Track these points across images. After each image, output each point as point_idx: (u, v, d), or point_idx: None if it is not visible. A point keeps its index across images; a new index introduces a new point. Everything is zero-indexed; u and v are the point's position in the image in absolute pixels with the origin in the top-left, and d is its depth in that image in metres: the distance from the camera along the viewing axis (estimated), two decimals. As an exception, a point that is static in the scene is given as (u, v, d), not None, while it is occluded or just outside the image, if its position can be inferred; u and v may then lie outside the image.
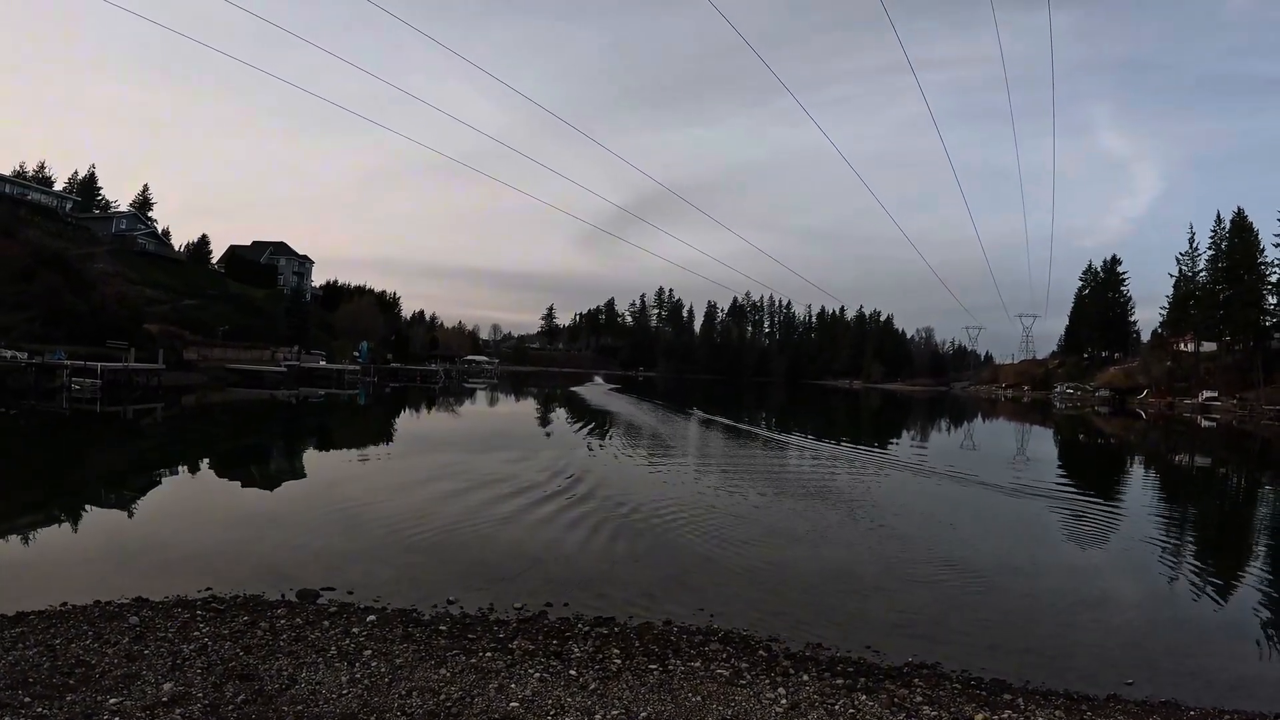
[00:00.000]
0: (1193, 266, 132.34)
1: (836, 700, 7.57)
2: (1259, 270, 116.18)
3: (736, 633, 9.87)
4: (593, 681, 7.58)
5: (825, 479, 26.80)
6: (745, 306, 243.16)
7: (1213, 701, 8.73)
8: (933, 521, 19.50)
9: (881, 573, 13.85)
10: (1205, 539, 20.57)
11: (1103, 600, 13.20)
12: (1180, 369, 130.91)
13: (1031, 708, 7.92)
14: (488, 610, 10.24)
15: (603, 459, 28.25)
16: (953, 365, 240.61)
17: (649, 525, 16.68)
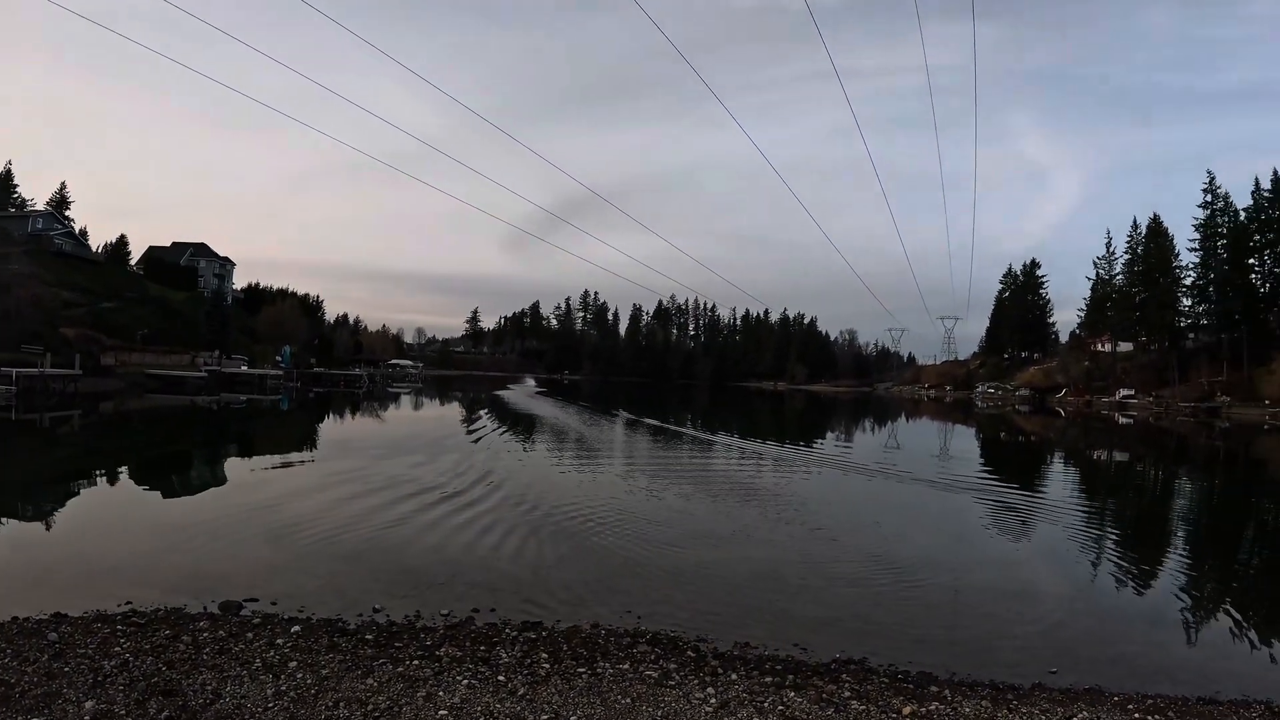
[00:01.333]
0: (1110, 270, 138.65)
1: (765, 697, 7.66)
2: (1174, 274, 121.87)
3: (664, 634, 9.88)
4: (521, 687, 7.55)
5: (751, 479, 27.02)
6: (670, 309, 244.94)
7: (1135, 687, 9.01)
8: (858, 519, 19.76)
9: (807, 571, 13.95)
10: (1125, 530, 21.22)
11: (1026, 592, 13.50)
12: (1098, 368, 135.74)
13: (958, 699, 8.10)
14: (414, 618, 10.11)
15: (529, 463, 28.05)
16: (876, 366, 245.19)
17: (575, 529, 16.60)
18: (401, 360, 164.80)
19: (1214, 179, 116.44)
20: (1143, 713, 8.03)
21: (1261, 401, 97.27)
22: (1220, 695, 8.87)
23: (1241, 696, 8.86)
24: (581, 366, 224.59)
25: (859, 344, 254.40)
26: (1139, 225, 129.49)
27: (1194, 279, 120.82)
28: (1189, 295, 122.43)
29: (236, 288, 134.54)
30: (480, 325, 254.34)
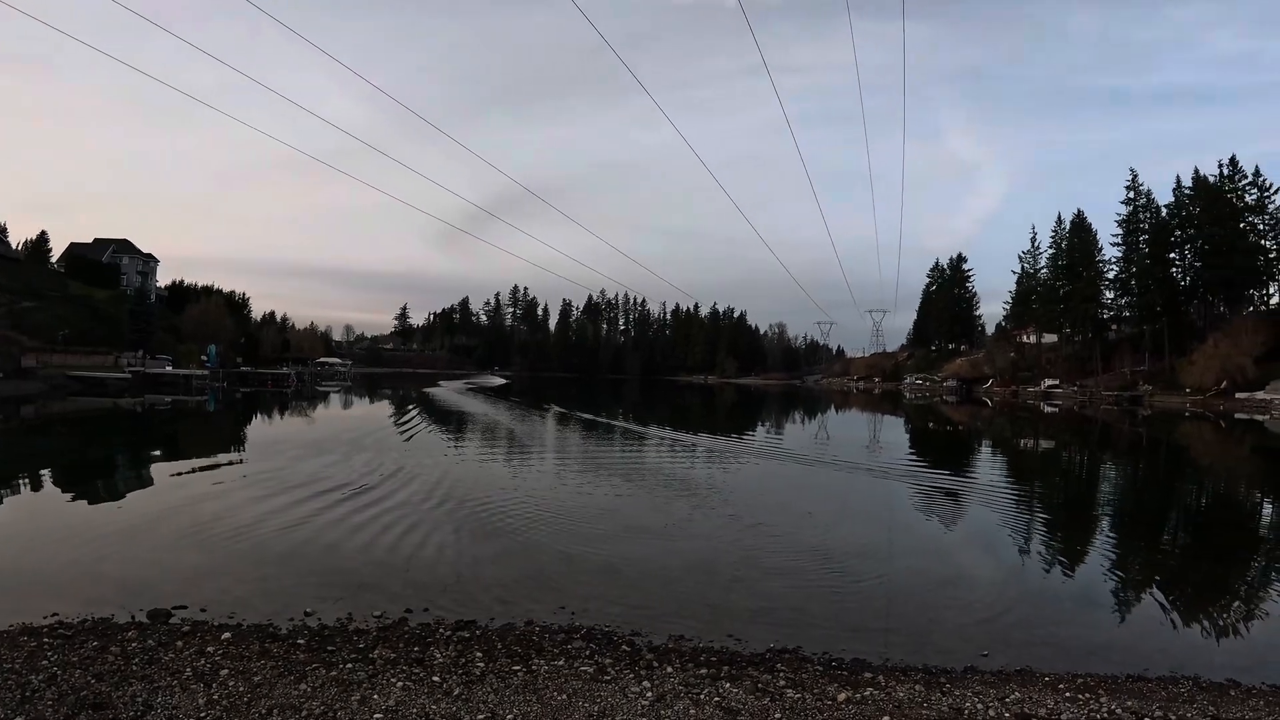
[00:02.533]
0: (1034, 264, 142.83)
1: (701, 689, 7.69)
2: (1097, 267, 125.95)
3: (599, 629, 9.89)
4: (457, 687, 7.48)
5: (683, 471, 27.24)
6: (600, 304, 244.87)
7: (1066, 667, 9.25)
8: (790, 509, 19.92)
9: (741, 562, 14.06)
10: (1053, 515, 21.72)
11: (957, 578, 13.78)
12: (1024, 359, 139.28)
13: (892, 684, 8.22)
14: (346, 620, 9.94)
15: (461, 461, 27.75)
16: (805, 359, 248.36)
17: (508, 526, 16.48)
18: (330, 358, 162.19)
19: (1136, 176, 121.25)
20: (1073, 691, 8.21)
21: (1182, 390, 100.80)
22: (1149, 673, 9.15)
23: (1170, 673, 9.16)
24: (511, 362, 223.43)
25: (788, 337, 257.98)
26: (1063, 221, 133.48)
27: (1116, 273, 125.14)
28: (1112, 288, 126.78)
29: (161, 285, 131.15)
30: (409, 322, 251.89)
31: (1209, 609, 12.71)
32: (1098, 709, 7.65)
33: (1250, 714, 7.75)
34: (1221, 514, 24.10)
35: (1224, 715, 7.65)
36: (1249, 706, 7.98)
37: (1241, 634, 11.41)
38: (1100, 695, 8.10)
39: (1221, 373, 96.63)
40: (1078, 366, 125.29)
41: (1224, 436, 56.48)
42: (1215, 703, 8.09)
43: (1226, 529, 20.97)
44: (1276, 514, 24.06)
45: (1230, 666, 9.53)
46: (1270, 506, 25.79)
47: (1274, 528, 21.39)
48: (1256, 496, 28.37)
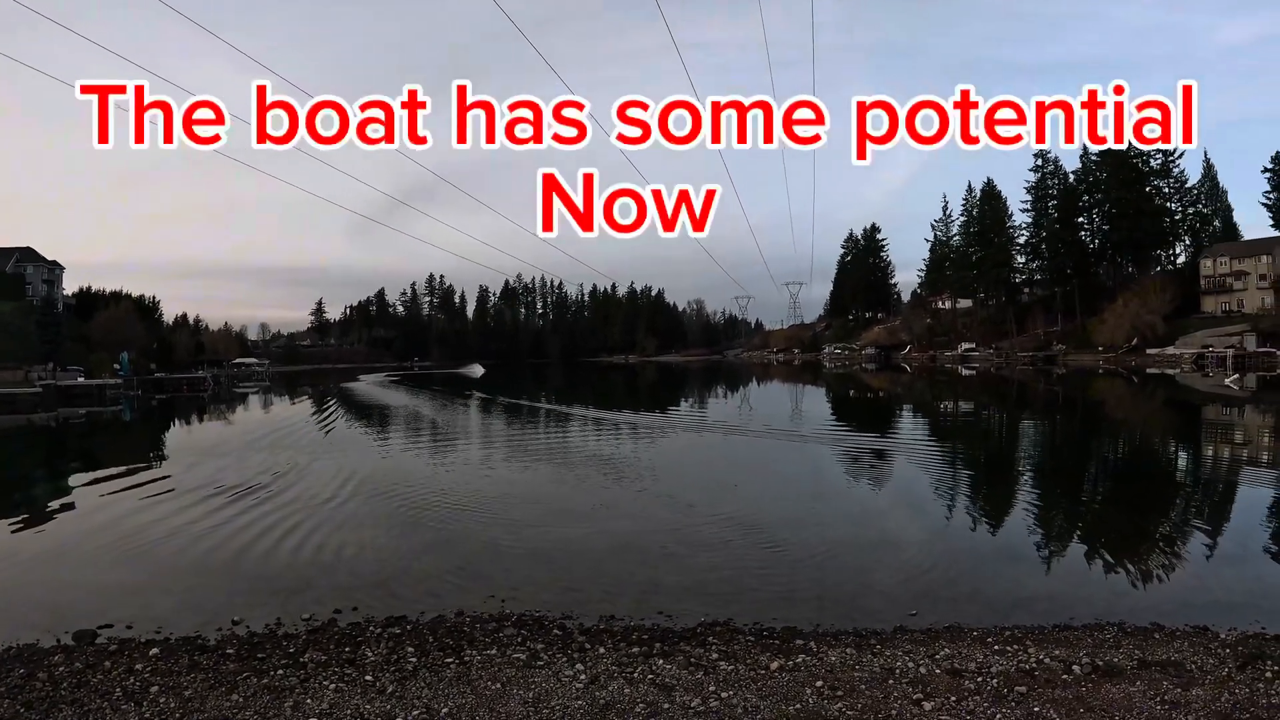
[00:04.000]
0: (947, 232, 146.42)
1: (635, 668, 7.70)
2: (1008, 233, 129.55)
3: (530, 615, 9.86)
4: (390, 684, 7.40)
5: (609, 451, 27.26)
6: (517, 289, 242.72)
7: (994, 620, 9.47)
8: (717, 483, 20.08)
9: (669, 539, 14.11)
10: (976, 473, 22.32)
11: (885, 541, 14.01)
12: (940, 324, 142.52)
13: (824, 649, 8.30)
14: (275, 626, 9.72)
15: (385, 455, 27.38)
16: (725, 334, 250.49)
17: (435, 517, 16.31)
18: (246, 359, 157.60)
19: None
20: (1001, 644, 8.38)
21: (1095, 348, 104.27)
22: (1074, 621, 9.38)
23: (1095, 620, 9.39)
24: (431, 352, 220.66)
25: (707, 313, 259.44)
26: (973, 189, 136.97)
27: (1027, 238, 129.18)
28: (1023, 253, 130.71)
29: (68, 294, 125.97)
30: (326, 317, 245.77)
31: (1131, 556, 13.04)
32: (1026, 659, 7.80)
33: (1175, 655, 7.95)
34: (1139, 465, 25.02)
35: (1149, 657, 7.84)
36: (1173, 648, 8.21)
37: (1163, 579, 11.75)
38: (1028, 646, 8.27)
39: (1132, 330, 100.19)
40: (993, 329, 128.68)
41: (1137, 391, 58.58)
42: (1140, 646, 8.31)
43: (1144, 479, 21.74)
44: (1191, 462, 25.01)
45: (1154, 610, 9.83)
46: (1185, 455, 26.83)
47: (1190, 475, 22.24)
48: (1171, 447, 29.48)
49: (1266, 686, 6.95)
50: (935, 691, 6.94)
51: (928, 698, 6.79)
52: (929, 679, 7.30)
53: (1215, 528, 15.09)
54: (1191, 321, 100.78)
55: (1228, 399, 48.98)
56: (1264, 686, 6.96)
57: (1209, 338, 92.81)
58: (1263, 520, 15.57)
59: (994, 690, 6.95)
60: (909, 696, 6.83)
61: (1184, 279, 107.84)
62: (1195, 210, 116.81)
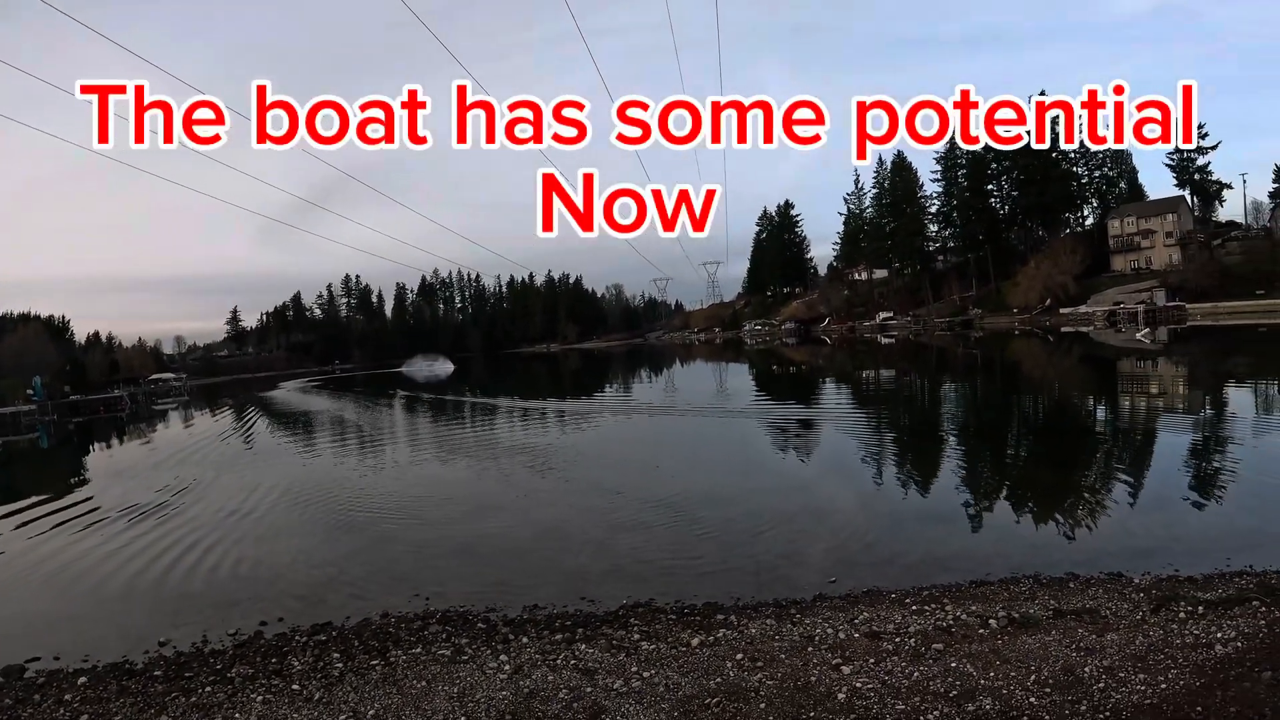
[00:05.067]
0: (860, 204, 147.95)
1: (558, 654, 7.77)
2: (919, 203, 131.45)
3: (454, 611, 9.87)
4: (317, 691, 7.38)
5: (533, 440, 27.20)
6: (435, 284, 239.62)
7: (912, 582, 9.61)
8: (639, 465, 20.23)
9: (591, 525, 14.18)
10: (896, 438, 22.69)
11: (807, 512, 14.12)
12: (857, 296, 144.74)
13: (744, 622, 8.40)
14: (201, 644, 9.51)
15: (308, 462, 26.77)
16: (645, 317, 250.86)
17: (359, 521, 16.08)
18: (163, 374, 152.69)
19: None
20: (919, 604, 8.53)
21: (1010, 311, 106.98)
22: (991, 577, 9.57)
23: (1011, 574, 9.60)
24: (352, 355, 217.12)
25: (626, 297, 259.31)
26: (884, 162, 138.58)
27: (939, 207, 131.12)
28: (935, 222, 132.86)
29: None
30: (242, 325, 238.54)
31: (1048, 510, 13.39)
32: (943, 618, 7.95)
33: (1090, 602, 8.18)
34: (1057, 421, 25.72)
35: (1065, 606, 8.04)
36: (1088, 595, 8.44)
37: (1079, 530, 12.07)
38: (945, 604, 8.43)
39: (1045, 291, 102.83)
40: (910, 298, 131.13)
41: (1053, 349, 60.11)
42: (1056, 596, 8.53)
43: (1062, 434, 22.37)
44: (1108, 415, 25.73)
45: (1069, 561, 10.07)
46: (1102, 409, 27.59)
47: (1107, 427, 22.90)
48: (1088, 401, 30.29)
49: (1180, 627, 7.14)
50: (854, 655, 7.03)
51: (846, 661, 6.87)
52: (848, 643, 7.40)
53: (1131, 477, 15.58)
54: (1102, 280, 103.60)
55: (1141, 352, 50.59)
56: (1177, 627, 7.15)
57: (1120, 295, 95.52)
58: (1177, 467, 16.11)
59: (911, 649, 7.05)
60: (828, 662, 6.90)
61: (1093, 240, 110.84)
62: (1101, 174, 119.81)
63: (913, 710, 5.85)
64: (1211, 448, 18.18)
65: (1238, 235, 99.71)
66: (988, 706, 5.80)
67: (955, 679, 6.32)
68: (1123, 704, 5.69)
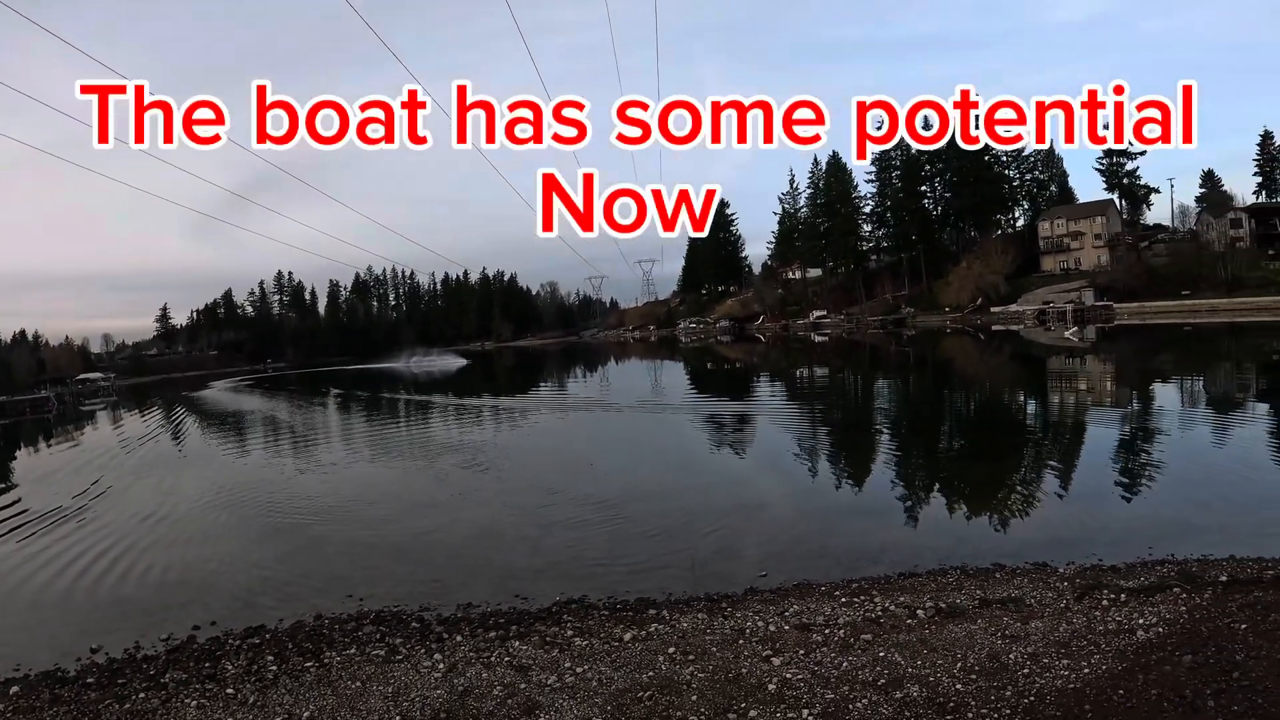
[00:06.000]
0: (794, 204, 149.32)
1: (492, 652, 7.79)
2: (854, 204, 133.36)
3: (388, 611, 9.83)
4: (252, 695, 7.32)
5: (468, 439, 27.12)
6: (369, 281, 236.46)
7: (842, 575, 9.77)
8: (573, 462, 20.28)
9: (524, 522, 14.18)
10: (830, 434, 23.04)
11: (738, 507, 14.28)
12: (791, 294, 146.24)
13: (676, 617, 8.46)
14: (134, 649, 9.29)
15: (239, 463, 26.20)
16: (580, 315, 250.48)
17: (292, 523, 15.86)
18: (91, 374, 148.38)
19: None
20: (849, 596, 8.67)
21: (942, 309, 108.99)
22: (919, 568, 9.77)
23: (939, 566, 9.83)
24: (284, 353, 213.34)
25: (561, 295, 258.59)
26: (819, 162, 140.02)
27: (873, 207, 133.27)
28: (869, 222, 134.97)
29: None
30: (172, 323, 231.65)
31: (975, 503, 13.75)
32: (872, 609, 8.09)
33: (1016, 591, 8.40)
34: (987, 416, 26.29)
35: (991, 596, 8.25)
36: (1014, 585, 8.65)
37: (1006, 521, 12.42)
38: (874, 596, 8.58)
39: (976, 291, 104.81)
40: (843, 296, 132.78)
41: (984, 347, 61.45)
42: (982, 586, 8.75)
43: (992, 429, 22.93)
44: (1037, 409, 26.38)
45: (995, 552, 10.33)
46: (1031, 404, 28.26)
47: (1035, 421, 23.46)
48: (1018, 396, 30.96)
49: (1103, 614, 7.37)
50: (784, 647, 7.13)
51: (777, 653, 6.96)
52: (778, 635, 7.50)
53: (1057, 470, 16.06)
54: (1032, 280, 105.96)
55: (1069, 350, 51.94)
56: (1100, 614, 7.37)
57: (1050, 294, 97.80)
58: (1102, 460, 16.63)
59: (841, 640, 7.17)
60: (759, 654, 6.99)
61: (1024, 241, 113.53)
62: (1033, 176, 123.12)
63: (842, 699, 5.95)
64: (1136, 442, 18.78)
65: (1165, 238, 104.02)
66: (915, 694, 5.93)
67: (883, 668, 6.45)
68: (1047, 688, 5.86)
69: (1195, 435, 18.74)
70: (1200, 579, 8.31)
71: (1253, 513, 11.91)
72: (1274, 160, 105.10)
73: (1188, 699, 5.51)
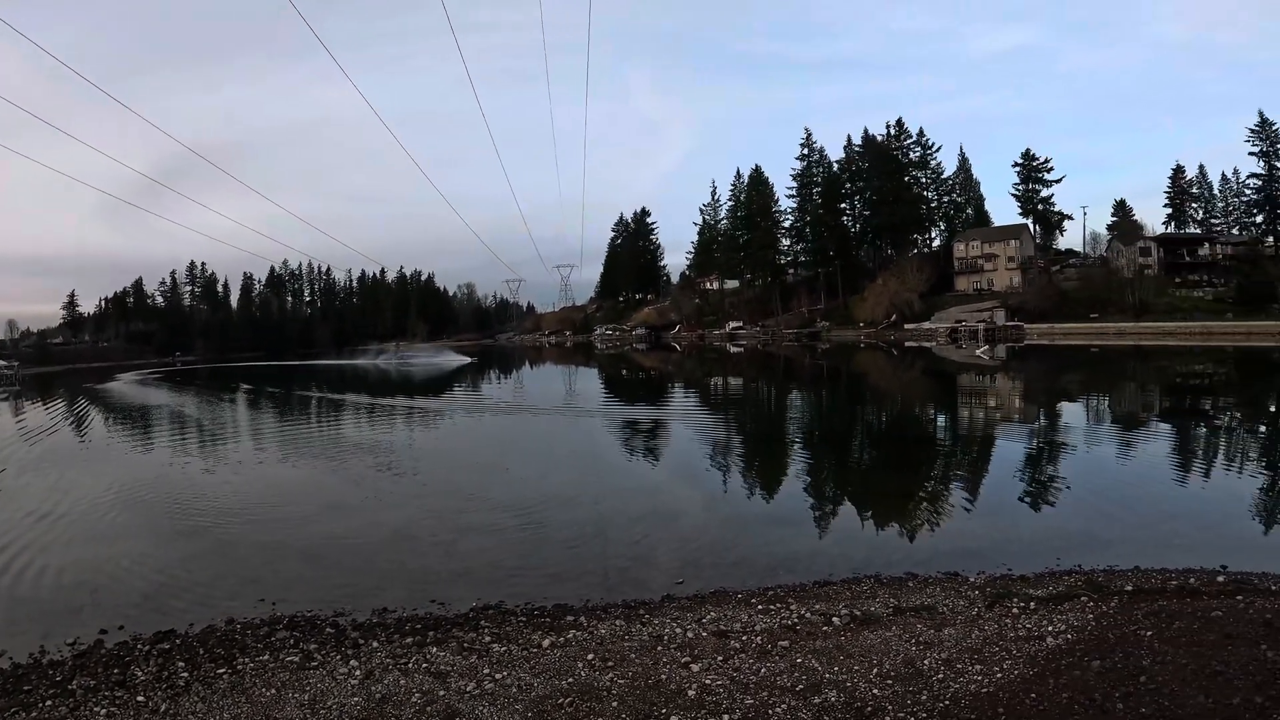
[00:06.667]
0: (715, 215, 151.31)
1: (409, 658, 7.74)
2: (774, 218, 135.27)
3: (301, 616, 9.64)
4: (163, 702, 7.09)
5: (381, 440, 26.80)
6: (284, 275, 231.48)
7: (757, 583, 9.94)
8: (488, 466, 20.18)
9: (439, 527, 14.09)
10: (744, 444, 23.33)
11: (653, 514, 14.41)
12: (708, 304, 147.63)
13: (594, 623, 8.52)
14: (39, 654, 8.93)
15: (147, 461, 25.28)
16: (496, 318, 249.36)
17: (202, 524, 15.35)
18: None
19: (810, 135, 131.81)
20: (765, 603, 8.82)
21: (856, 324, 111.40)
22: (834, 577, 10.00)
23: (853, 574, 10.07)
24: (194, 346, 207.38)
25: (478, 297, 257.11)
26: (742, 175, 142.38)
27: (793, 222, 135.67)
28: (788, 236, 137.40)
29: None
30: (79, 310, 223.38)
31: (887, 513, 14.05)
32: (789, 616, 8.25)
33: (928, 599, 8.65)
34: (898, 429, 26.87)
35: (904, 604, 8.49)
36: (926, 593, 8.91)
37: (917, 532, 12.73)
38: (790, 603, 8.74)
39: (891, 307, 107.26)
40: (759, 308, 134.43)
41: (897, 362, 62.85)
42: (896, 594, 8.98)
43: (903, 442, 23.44)
44: (947, 424, 27.09)
45: (908, 561, 10.64)
46: (941, 418, 28.98)
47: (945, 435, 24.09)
48: (929, 411, 31.69)
49: (1013, 622, 7.64)
50: (703, 653, 7.21)
51: (695, 660, 7.04)
52: (696, 642, 7.59)
53: (967, 483, 16.54)
54: (946, 299, 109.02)
55: (980, 367, 53.60)
56: (1011, 622, 7.64)
57: (962, 313, 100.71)
58: (1011, 473, 17.21)
59: (758, 647, 7.29)
60: (677, 660, 7.06)
61: (939, 261, 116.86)
62: (950, 199, 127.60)
63: (761, 704, 6.05)
64: (1043, 456, 19.48)
65: (1076, 263, 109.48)
66: (833, 699, 6.07)
67: (801, 674, 6.57)
68: (961, 693, 6.05)
69: (1100, 451, 19.56)
70: (1106, 588, 8.71)
71: (1156, 526, 12.52)
72: (1184, 193, 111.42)
73: (1097, 702, 5.75)
